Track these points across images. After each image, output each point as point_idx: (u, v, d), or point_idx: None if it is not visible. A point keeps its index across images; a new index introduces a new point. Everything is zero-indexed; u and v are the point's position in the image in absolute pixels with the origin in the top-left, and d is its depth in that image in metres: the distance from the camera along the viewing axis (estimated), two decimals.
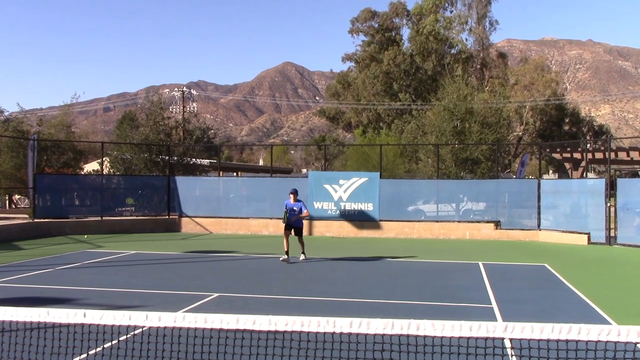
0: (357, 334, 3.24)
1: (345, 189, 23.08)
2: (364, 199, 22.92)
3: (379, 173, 23.80)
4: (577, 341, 3.04)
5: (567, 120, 58.29)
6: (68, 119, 37.83)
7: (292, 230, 15.18)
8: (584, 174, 33.37)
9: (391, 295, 10.51)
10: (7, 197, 38.88)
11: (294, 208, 15.04)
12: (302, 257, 15.27)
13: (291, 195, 15.33)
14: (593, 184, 21.08)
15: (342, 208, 23.00)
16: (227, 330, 3.45)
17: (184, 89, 54.59)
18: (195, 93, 63.59)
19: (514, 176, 38.35)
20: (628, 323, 5.60)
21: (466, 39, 58.54)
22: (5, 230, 20.32)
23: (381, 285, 11.70)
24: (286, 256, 14.85)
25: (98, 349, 5.37)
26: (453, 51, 58.09)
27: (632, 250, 18.04)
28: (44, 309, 3.58)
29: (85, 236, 21.27)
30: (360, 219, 22.90)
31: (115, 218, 24.26)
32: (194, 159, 32.73)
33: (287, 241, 14.98)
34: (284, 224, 15.07)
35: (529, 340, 3.09)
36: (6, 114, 34.33)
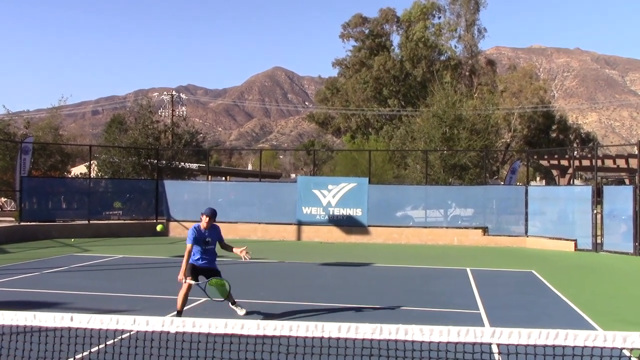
0: (346, 339, 3.24)
1: (334, 194, 23.09)
2: (352, 205, 22.94)
3: (367, 178, 23.84)
4: (563, 347, 3.06)
5: (554, 127, 58.80)
6: (56, 122, 37.64)
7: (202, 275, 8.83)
8: (571, 181, 33.58)
9: (379, 300, 10.52)
10: None
11: (207, 239, 8.79)
12: (242, 311, 9.05)
13: (204, 218, 8.84)
14: (580, 191, 21.23)
15: (331, 213, 23.00)
16: (216, 335, 3.44)
17: (173, 92, 54.42)
18: (184, 97, 63.43)
19: (502, 183, 38.56)
20: (613, 329, 5.63)
21: (455, 46, 59.03)
22: None
23: (369, 290, 11.71)
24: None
25: (85, 353, 5.34)
26: (442, 58, 58.47)
27: (618, 257, 18.19)
28: (30, 313, 3.56)
29: (72, 240, 21.11)
30: (348, 224, 22.91)
31: (103, 222, 24.10)
32: (183, 163, 32.65)
33: (187, 294, 8.64)
34: (192, 266, 8.73)
35: (517, 345, 3.11)
36: None
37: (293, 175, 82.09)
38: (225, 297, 8.81)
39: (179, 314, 8.62)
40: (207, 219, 8.83)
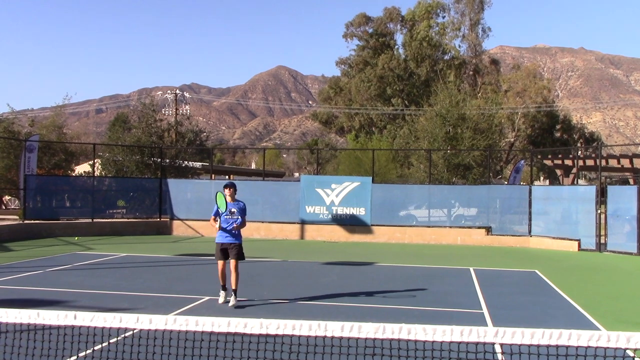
0: (349, 338, 3.24)
1: (337, 193, 23.09)
2: (356, 204, 22.94)
3: (371, 178, 23.84)
4: (567, 347, 3.06)
5: (558, 127, 58.65)
6: (60, 120, 37.68)
7: (228, 253, 9.69)
8: (575, 181, 33.52)
9: (382, 299, 10.52)
10: None
11: (233, 209, 9.67)
12: (232, 300, 9.54)
13: (227, 191, 9.77)
14: (584, 191, 21.19)
15: (334, 212, 23.01)
16: (219, 334, 3.44)
17: (177, 91, 54.53)
18: (188, 96, 63.51)
19: (506, 182, 38.50)
20: (617, 329, 5.62)
21: (459, 46, 59.00)
22: None
23: (372, 289, 11.70)
24: (224, 292, 9.72)
25: (88, 351, 5.35)
26: (446, 57, 58.40)
27: (622, 257, 18.15)
28: (34, 311, 3.57)
29: (76, 238, 21.17)
30: (352, 223, 22.91)
31: (106, 220, 24.16)
32: (186, 162, 32.68)
33: (224, 271, 9.68)
34: (218, 246, 9.73)
35: (520, 345, 3.11)
36: None
37: (296, 174, 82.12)
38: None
39: (224, 287, 9.72)
40: (228, 190, 9.78)
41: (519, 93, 54.85)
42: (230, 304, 9.48)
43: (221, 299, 9.68)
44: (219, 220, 9.69)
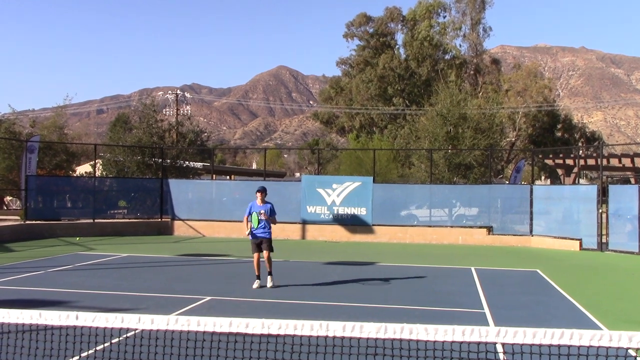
0: (350, 338, 3.24)
1: (338, 193, 23.09)
2: (357, 204, 22.94)
3: (372, 177, 23.84)
4: (568, 346, 3.05)
5: (559, 126, 58.49)
6: (61, 121, 37.77)
7: (261, 246, 11.39)
8: (576, 180, 33.49)
9: (384, 299, 10.52)
10: None
11: (262, 211, 11.30)
12: (270, 282, 11.47)
13: (258, 195, 11.43)
14: (585, 190, 21.17)
15: (335, 212, 23.00)
16: (220, 334, 3.44)
17: (178, 91, 54.54)
18: (189, 96, 63.48)
19: (507, 182, 38.48)
20: (619, 329, 5.62)
21: (460, 45, 58.85)
22: None
23: (374, 289, 11.70)
24: (259, 280, 11.44)
25: (90, 352, 5.36)
26: (447, 57, 58.30)
27: (623, 257, 18.14)
28: (36, 311, 3.57)
29: (77, 238, 21.18)
30: (353, 223, 22.90)
31: (108, 220, 24.17)
32: (187, 162, 32.67)
33: (259, 262, 11.47)
34: (252, 240, 11.44)
35: (522, 345, 3.11)
36: None
37: (297, 174, 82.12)
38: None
39: (258, 277, 11.37)
40: (259, 194, 11.34)
41: (519, 92, 54.73)
42: (269, 285, 11.32)
43: (255, 285, 11.27)
44: (250, 222, 11.33)
